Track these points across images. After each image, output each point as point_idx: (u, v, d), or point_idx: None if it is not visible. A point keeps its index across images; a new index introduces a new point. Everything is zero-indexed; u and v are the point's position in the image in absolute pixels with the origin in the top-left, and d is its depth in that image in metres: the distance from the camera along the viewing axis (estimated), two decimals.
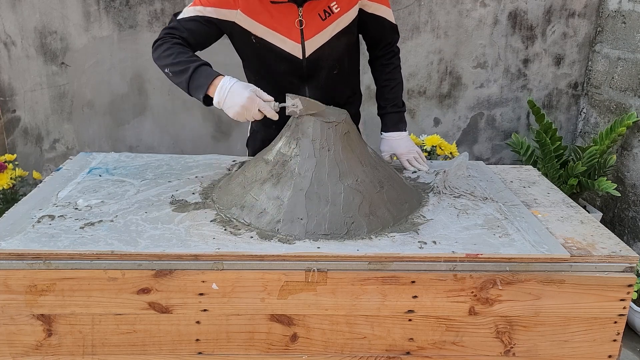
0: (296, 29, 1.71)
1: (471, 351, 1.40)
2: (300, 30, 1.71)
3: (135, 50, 3.10)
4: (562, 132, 3.45)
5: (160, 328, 1.34)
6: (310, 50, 1.75)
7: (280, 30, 1.70)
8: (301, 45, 1.73)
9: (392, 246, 1.35)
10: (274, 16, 1.68)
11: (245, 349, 1.37)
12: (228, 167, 1.84)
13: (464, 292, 1.34)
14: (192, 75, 1.53)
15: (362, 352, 1.39)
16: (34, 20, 3.00)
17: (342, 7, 1.73)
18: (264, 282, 1.31)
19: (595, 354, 1.41)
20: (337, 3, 1.72)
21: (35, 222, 1.41)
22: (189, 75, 1.53)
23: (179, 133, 3.29)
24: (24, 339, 1.34)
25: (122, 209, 1.50)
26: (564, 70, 3.34)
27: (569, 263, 1.34)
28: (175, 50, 1.59)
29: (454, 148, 2.85)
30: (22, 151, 3.20)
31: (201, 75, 1.53)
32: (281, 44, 1.72)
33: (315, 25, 1.72)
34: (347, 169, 1.49)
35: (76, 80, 3.13)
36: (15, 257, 1.28)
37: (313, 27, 1.72)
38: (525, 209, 1.59)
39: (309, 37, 1.72)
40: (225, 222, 1.45)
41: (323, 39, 1.75)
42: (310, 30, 1.72)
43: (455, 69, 3.29)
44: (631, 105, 2.94)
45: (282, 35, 1.70)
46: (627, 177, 2.96)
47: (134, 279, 1.29)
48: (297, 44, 1.73)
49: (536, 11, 3.21)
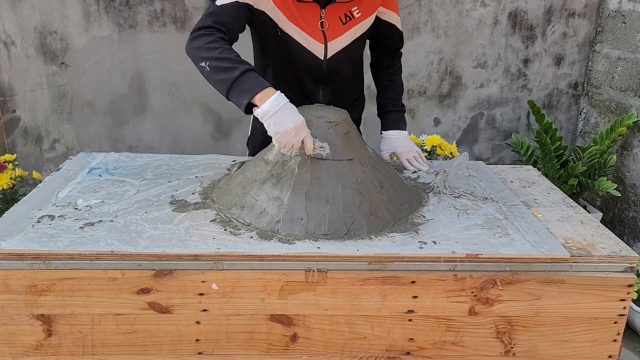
0: (319, 30, 1.70)
1: (471, 351, 1.39)
2: (322, 31, 1.71)
3: (135, 50, 3.10)
4: (562, 132, 3.45)
5: (160, 328, 1.34)
6: (331, 52, 1.74)
7: (305, 29, 1.69)
8: (324, 46, 1.73)
9: (392, 246, 1.35)
10: (300, 14, 1.67)
11: (245, 349, 1.37)
12: (228, 167, 1.84)
13: (464, 292, 1.33)
14: (240, 77, 1.44)
15: (362, 352, 1.38)
16: (33, 20, 3.00)
17: (363, 12, 1.73)
18: (264, 282, 1.31)
19: (595, 354, 1.41)
20: (358, 8, 1.72)
21: (35, 222, 1.41)
22: (236, 76, 1.44)
23: (179, 133, 3.29)
24: (24, 339, 1.34)
25: (122, 209, 1.50)
26: (564, 70, 3.34)
27: (569, 263, 1.34)
28: (220, 45, 1.49)
29: (454, 148, 2.85)
30: (22, 151, 3.20)
31: (250, 80, 1.45)
32: (305, 42, 1.71)
33: (336, 28, 1.71)
34: (347, 169, 1.49)
35: (76, 80, 3.13)
36: (15, 257, 1.28)
37: (334, 29, 1.71)
38: (525, 209, 1.59)
39: (331, 39, 1.72)
40: (225, 222, 1.45)
41: (343, 42, 1.75)
42: (331, 32, 1.71)
43: (455, 69, 3.29)
44: (631, 105, 2.94)
45: (306, 34, 1.69)
46: (627, 177, 2.96)
47: (133, 279, 1.29)
48: (320, 44, 1.72)
49: (536, 11, 3.21)
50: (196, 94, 3.21)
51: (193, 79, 3.17)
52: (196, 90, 3.19)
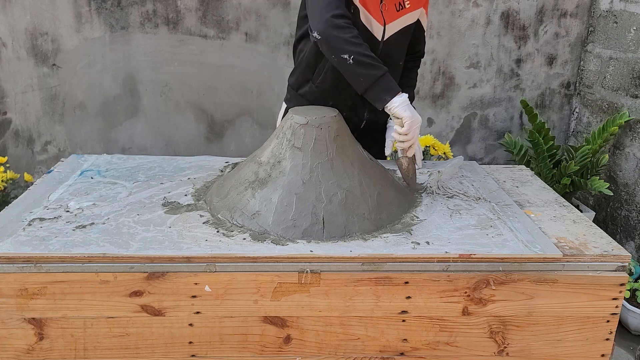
0: (379, 11, 1.76)
1: (465, 351, 1.40)
2: (381, 13, 1.76)
3: (127, 51, 3.08)
4: (554, 131, 3.46)
5: (153, 331, 1.34)
6: (388, 34, 1.80)
7: (368, 8, 1.75)
8: (383, 28, 1.78)
9: (385, 247, 1.35)
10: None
11: (238, 351, 1.37)
12: (221, 169, 1.83)
13: (458, 293, 1.34)
14: (385, 76, 1.63)
15: (356, 353, 1.38)
16: (24, 22, 2.98)
17: (412, 5, 1.82)
18: (257, 284, 1.30)
19: (588, 353, 1.41)
20: (409, 1, 1.80)
21: (26, 225, 1.40)
22: (381, 75, 1.62)
23: (172, 134, 3.27)
24: (15, 343, 1.33)
25: (114, 211, 1.49)
26: (557, 70, 3.35)
27: (561, 262, 1.34)
28: (362, 42, 1.64)
29: (448, 148, 2.85)
30: (13, 153, 3.18)
31: (391, 80, 1.65)
32: (367, 22, 1.76)
33: (392, 12, 1.79)
34: (339, 169, 1.48)
35: (68, 81, 3.11)
36: (5, 261, 1.27)
37: (391, 14, 1.78)
38: (518, 208, 1.60)
39: (388, 21, 1.78)
40: (217, 223, 1.44)
41: (397, 27, 1.81)
42: (389, 16, 1.78)
43: (448, 69, 3.30)
44: (623, 104, 2.95)
45: (369, 14, 1.75)
46: (620, 176, 2.98)
47: (126, 281, 1.28)
48: (380, 25, 1.78)
49: (528, 11, 3.22)
50: (189, 96, 3.20)
51: (185, 81, 3.16)
52: (189, 91, 3.18)
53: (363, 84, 1.63)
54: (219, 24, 3.08)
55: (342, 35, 1.61)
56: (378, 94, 1.63)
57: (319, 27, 1.62)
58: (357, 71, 1.62)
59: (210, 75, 3.17)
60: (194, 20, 3.06)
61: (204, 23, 3.07)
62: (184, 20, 3.06)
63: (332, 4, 1.64)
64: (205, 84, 3.18)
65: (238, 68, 3.19)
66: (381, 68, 1.62)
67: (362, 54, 1.61)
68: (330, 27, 1.62)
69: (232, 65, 3.20)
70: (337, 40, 1.62)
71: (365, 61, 1.60)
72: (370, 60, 1.61)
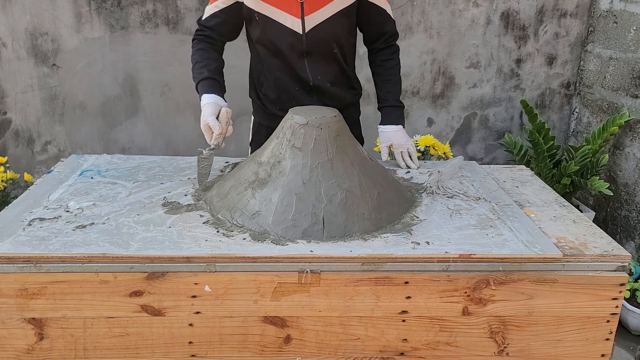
0: (297, 4, 1.77)
1: (465, 351, 1.40)
2: (300, 4, 1.77)
3: (127, 51, 3.09)
4: (554, 131, 3.46)
5: (153, 331, 1.34)
6: (309, 25, 1.81)
7: (281, 6, 1.77)
8: (301, 21, 1.79)
9: (385, 247, 1.35)
10: None
11: (238, 351, 1.37)
12: (221, 169, 1.84)
13: (457, 293, 1.34)
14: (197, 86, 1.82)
15: (356, 353, 1.38)
16: (24, 22, 2.98)
17: None
18: (257, 284, 1.30)
19: (588, 353, 1.41)
20: None
21: (26, 225, 1.40)
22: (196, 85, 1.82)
23: (172, 134, 3.27)
24: (15, 343, 1.33)
25: (114, 211, 1.49)
26: (557, 70, 3.35)
27: (561, 262, 1.34)
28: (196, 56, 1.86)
29: (448, 148, 2.85)
30: (13, 153, 3.18)
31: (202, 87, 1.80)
32: (282, 19, 1.79)
33: (315, 1, 1.78)
34: (339, 169, 1.48)
35: (68, 81, 3.11)
36: (5, 261, 1.27)
37: (313, 3, 1.78)
38: (518, 208, 1.60)
39: (308, 12, 1.79)
40: (217, 223, 1.44)
41: (322, 16, 1.80)
42: (310, 6, 1.78)
43: (448, 69, 3.30)
44: (623, 104, 2.95)
45: (282, 10, 1.78)
46: (620, 176, 2.98)
47: (126, 281, 1.28)
48: (297, 19, 1.79)
49: (528, 11, 3.22)
50: (189, 96, 3.19)
51: (185, 81, 3.15)
52: (189, 91, 3.17)
53: None
54: None
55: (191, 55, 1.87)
56: None
57: None
58: None
59: None
60: (194, 20, 3.05)
61: None
62: (184, 20, 3.06)
63: None
64: None
65: (238, 68, 3.18)
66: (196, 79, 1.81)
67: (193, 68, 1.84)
68: None
69: (232, 65, 3.17)
70: None
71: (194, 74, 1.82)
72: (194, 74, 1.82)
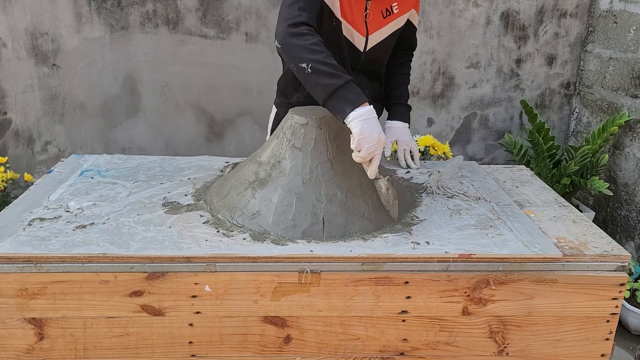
0: (363, 22, 1.74)
1: (465, 351, 1.40)
2: (365, 23, 1.74)
3: (128, 51, 3.09)
4: (554, 131, 3.46)
5: (153, 331, 1.34)
6: (371, 44, 1.79)
7: (350, 20, 1.72)
8: (365, 39, 1.77)
9: (385, 247, 1.35)
10: (350, 4, 1.70)
11: (238, 351, 1.37)
12: (221, 169, 1.84)
13: (457, 293, 1.34)
14: (346, 86, 1.46)
15: (356, 353, 1.38)
16: (24, 22, 2.98)
17: (401, 9, 1.79)
18: (257, 284, 1.30)
19: (588, 353, 1.41)
20: (397, 4, 1.77)
21: (26, 225, 1.40)
22: (340, 85, 1.46)
23: (172, 134, 3.27)
24: (16, 343, 1.33)
25: (114, 211, 1.49)
26: (556, 70, 3.35)
27: (561, 262, 1.34)
28: (323, 49, 1.51)
29: (447, 148, 2.86)
30: (13, 153, 3.18)
31: (353, 91, 1.47)
32: (348, 34, 1.74)
33: (377, 21, 1.76)
34: (339, 169, 1.48)
35: (68, 81, 3.11)
36: (5, 261, 1.27)
37: (376, 22, 1.76)
38: (518, 208, 1.60)
39: (372, 31, 1.77)
40: (217, 223, 1.44)
41: (382, 36, 1.79)
42: (373, 25, 1.76)
43: (448, 69, 3.30)
44: (623, 104, 2.95)
45: (351, 26, 1.73)
46: (620, 176, 2.98)
47: (126, 281, 1.28)
48: (362, 36, 1.76)
49: (528, 11, 3.22)
50: (189, 96, 3.20)
51: (185, 81, 3.16)
52: (189, 91, 3.19)
53: (322, 94, 1.47)
54: (219, 24, 3.08)
55: (301, 42, 1.50)
56: (337, 105, 1.45)
57: (279, 35, 1.53)
58: (315, 81, 1.47)
59: (210, 75, 3.17)
60: (194, 20, 3.06)
61: (204, 23, 3.07)
62: (184, 20, 3.06)
63: (295, 11, 1.54)
64: (205, 84, 3.18)
65: (238, 68, 3.19)
66: (342, 77, 1.46)
67: (321, 62, 1.47)
68: (288, 35, 1.51)
69: (232, 65, 3.20)
70: (295, 48, 1.50)
71: (325, 70, 1.46)
72: (330, 69, 1.47)
